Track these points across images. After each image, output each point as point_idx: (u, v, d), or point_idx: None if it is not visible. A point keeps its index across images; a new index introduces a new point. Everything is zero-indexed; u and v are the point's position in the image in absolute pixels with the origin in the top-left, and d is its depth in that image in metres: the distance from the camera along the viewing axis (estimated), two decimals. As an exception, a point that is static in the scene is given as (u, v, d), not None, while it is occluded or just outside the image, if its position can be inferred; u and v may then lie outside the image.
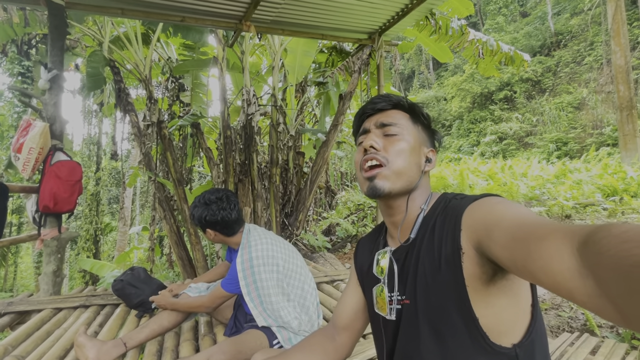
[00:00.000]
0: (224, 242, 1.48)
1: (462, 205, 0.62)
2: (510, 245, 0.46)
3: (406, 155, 0.69)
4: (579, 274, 0.35)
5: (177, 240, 4.05)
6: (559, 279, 0.37)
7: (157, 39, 4.02)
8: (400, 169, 0.68)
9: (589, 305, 0.34)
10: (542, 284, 0.41)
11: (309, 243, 4.45)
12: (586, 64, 14.47)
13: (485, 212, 0.57)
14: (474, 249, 0.56)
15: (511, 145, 14.10)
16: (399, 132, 0.71)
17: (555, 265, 0.38)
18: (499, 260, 0.50)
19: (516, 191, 5.13)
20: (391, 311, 0.69)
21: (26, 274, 13.64)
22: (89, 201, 9.31)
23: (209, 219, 1.40)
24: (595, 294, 0.33)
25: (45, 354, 1.44)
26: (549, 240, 0.40)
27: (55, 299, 2.05)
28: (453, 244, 0.59)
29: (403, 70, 25.72)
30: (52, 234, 2.21)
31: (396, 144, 0.69)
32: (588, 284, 0.34)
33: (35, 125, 2.10)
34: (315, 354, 0.80)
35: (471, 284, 0.57)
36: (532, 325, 0.60)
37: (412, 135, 0.72)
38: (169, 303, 1.46)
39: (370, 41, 3.44)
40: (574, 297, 0.36)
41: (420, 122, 0.75)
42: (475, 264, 0.56)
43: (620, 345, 1.41)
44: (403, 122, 0.72)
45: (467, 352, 0.59)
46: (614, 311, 0.31)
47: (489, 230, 0.52)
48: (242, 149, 4.25)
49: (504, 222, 0.50)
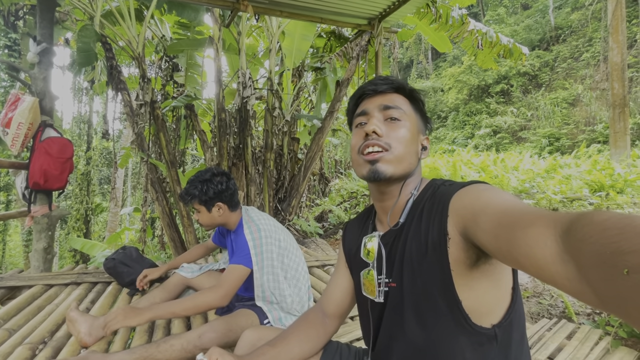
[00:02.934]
0: (225, 220, 1.41)
1: (450, 191, 0.63)
2: (495, 232, 0.48)
3: (407, 142, 0.69)
4: (561, 259, 0.36)
5: (169, 222, 4.05)
6: (542, 264, 0.39)
7: (151, 15, 3.90)
8: (401, 154, 0.68)
9: (570, 289, 0.36)
10: (526, 269, 0.42)
11: (301, 229, 4.49)
12: (583, 60, 14.51)
13: (472, 198, 0.58)
14: (460, 234, 0.58)
15: (505, 139, 14.22)
16: (401, 116, 0.70)
17: (539, 251, 0.39)
18: (484, 246, 0.51)
19: (507, 184, 5.21)
20: (379, 294, 0.71)
21: (15, 251, 13.51)
22: (79, 180, 9.18)
23: (217, 189, 1.35)
24: (576, 278, 0.34)
25: (37, 328, 1.45)
26: (533, 227, 0.41)
27: (46, 276, 2.05)
28: (440, 230, 0.61)
29: (402, 59, 25.46)
30: (42, 211, 2.19)
31: (398, 130, 0.69)
32: (569, 269, 0.35)
33: (24, 100, 2.05)
34: (309, 334, 0.83)
35: (456, 269, 0.59)
36: (512, 307, 0.63)
37: (412, 121, 0.72)
38: (168, 312, 1.23)
39: (370, 27, 3.39)
40: (556, 282, 0.37)
41: (419, 108, 0.75)
42: (461, 249, 0.58)
43: (595, 331, 1.49)
44: (404, 107, 0.72)
45: (449, 332, 0.62)
46: (593, 295, 0.33)
47: (475, 216, 0.54)
48: (237, 133, 4.21)
49: (490, 209, 0.52)
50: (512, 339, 0.63)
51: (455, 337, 0.61)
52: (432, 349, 0.64)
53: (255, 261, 1.31)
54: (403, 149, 0.68)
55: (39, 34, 2.24)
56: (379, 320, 0.74)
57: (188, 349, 1.11)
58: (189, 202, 1.38)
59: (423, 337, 0.64)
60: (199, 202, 1.36)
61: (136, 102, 3.87)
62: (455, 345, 0.62)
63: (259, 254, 1.31)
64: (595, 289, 0.32)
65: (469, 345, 0.61)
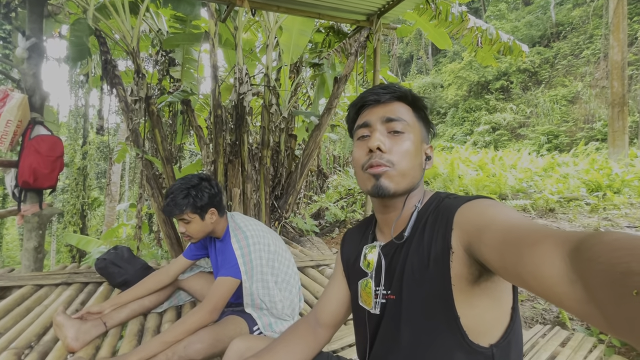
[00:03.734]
0: (214, 227, 1.34)
1: (454, 205, 0.62)
2: (500, 249, 0.47)
3: (411, 156, 0.67)
4: (569, 279, 0.35)
5: (164, 219, 4.02)
6: (549, 284, 0.38)
7: (147, 8, 3.82)
8: (405, 170, 0.66)
9: (578, 311, 0.35)
10: (532, 288, 0.41)
11: (297, 226, 4.47)
12: (584, 58, 14.44)
13: (477, 213, 0.57)
14: (463, 249, 0.56)
15: (504, 136, 14.20)
16: (404, 128, 0.68)
17: (546, 270, 0.38)
18: (488, 263, 0.50)
19: (504, 183, 5.20)
20: (376, 305, 0.70)
21: (12, 245, 13.49)
22: (75, 175, 9.12)
23: (211, 194, 1.28)
24: (584, 300, 0.33)
25: (24, 330, 1.43)
26: (540, 246, 0.40)
27: (36, 275, 2.02)
28: (443, 243, 0.59)
29: (401, 55, 25.30)
30: (32, 210, 2.15)
31: (402, 144, 0.67)
32: (577, 290, 0.34)
33: (13, 97, 2.01)
34: (298, 345, 0.81)
35: (457, 284, 0.58)
36: (511, 326, 0.61)
37: (415, 132, 0.69)
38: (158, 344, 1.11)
39: (369, 23, 3.34)
40: (563, 303, 0.37)
41: (422, 116, 0.72)
42: (463, 265, 0.57)
43: (589, 339, 1.48)
44: (407, 118, 0.69)
45: (446, 349, 0.60)
46: (601, 317, 0.32)
47: (480, 232, 0.53)
48: (233, 129, 4.16)
49: (494, 225, 0.51)
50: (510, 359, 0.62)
51: (451, 354, 0.60)
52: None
53: (244, 270, 1.27)
54: (407, 164, 0.66)
55: (28, 29, 2.18)
56: (375, 332, 0.72)
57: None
58: (182, 211, 1.25)
59: (418, 352, 0.63)
60: (192, 210, 1.25)
61: (131, 97, 3.82)
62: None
63: (247, 263, 1.28)
64: (603, 311, 0.31)
65: None
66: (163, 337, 1.13)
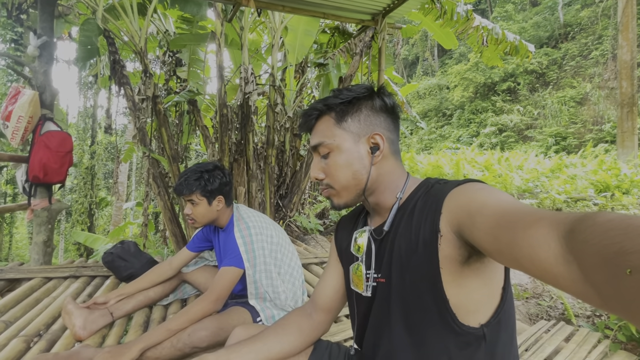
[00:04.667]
0: (219, 216, 1.36)
1: (444, 190, 0.62)
2: (494, 232, 0.47)
3: (344, 168, 0.69)
4: (565, 260, 0.36)
5: (170, 217, 4.06)
6: (545, 266, 0.38)
7: (154, 9, 3.89)
8: (344, 184, 0.70)
9: (573, 290, 0.36)
10: (528, 270, 0.42)
11: (302, 225, 4.49)
12: (592, 58, 14.26)
13: (467, 197, 0.57)
14: (453, 232, 0.57)
15: (510, 138, 14.06)
16: (329, 147, 0.70)
17: (542, 252, 0.38)
18: (481, 247, 0.50)
19: (510, 183, 5.16)
20: (367, 288, 0.71)
21: (21, 244, 13.71)
22: (83, 174, 9.26)
23: (222, 181, 1.32)
24: (579, 279, 0.34)
25: (33, 320, 1.46)
26: (535, 228, 0.41)
27: (45, 269, 2.06)
28: (432, 227, 0.60)
29: (407, 56, 25.26)
30: (42, 205, 2.20)
31: (332, 164, 0.70)
32: (573, 270, 0.35)
33: (24, 94, 2.06)
34: (290, 334, 0.81)
35: (445, 266, 0.59)
36: (501, 306, 0.62)
37: (342, 139, 0.69)
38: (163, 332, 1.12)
39: (373, 23, 3.35)
40: (559, 283, 0.37)
41: (348, 112, 0.70)
42: (452, 247, 0.57)
43: (594, 334, 1.46)
44: (328, 132, 0.70)
45: (435, 330, 0.61)
46: (597, 296, 0.33)
47: (471, 216, 0.53)
48: (239, 129, 4.20)
49: (487, 209, 0.51)
50: (499, 339, 0.63)
51: (442, 336, 0.61)
52: (418, 346, 0.64)
53: (247, 258, 1.29)
54: (343, 178, 0.70)
55: (40, 28, 2.24)
56: (367, 315, 0.73)
57: (178, 347, 1.11)
58: (192, 191, 1.29)
59: (409, 334, 0.64)
60: (202, 192, 1.30)
61: (138, 97, 3.88)
62: (441, 344, 0.61)
63: (250, 252, 1.29)
64: (598, 290, 0.32)
65: (455, 345, 0.61)
66: (168, 325, 1.15)
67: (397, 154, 0.73)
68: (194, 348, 1.13)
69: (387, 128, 0.71)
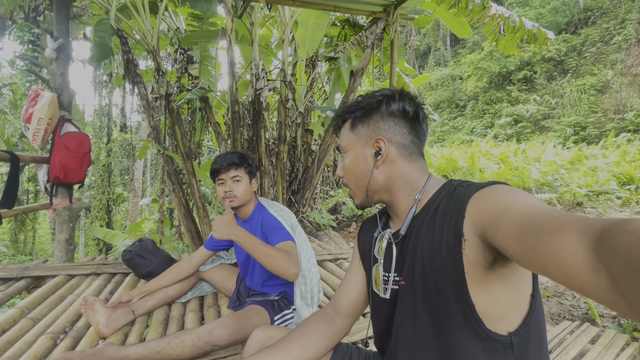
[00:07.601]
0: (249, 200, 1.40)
1: (468, 192, 0.60)
2: (519, 237, 0.45)
3: (352, 170, 0.75)
4: (594, 268, 0.35)
5: (185, 213, 4.13)
6: (573, 274, 0.37)
7: (165, 7, 3.90)
8: (353, 183, 0.76)
9: (602, 299, 0.35)
10: (553, 276, 0.40)
11: (314, 221, 4.49)
12: (614, 44, 13.65)
13: (492, 200, 0.55)
14: (477, 236, 0.55)
15: (526, 129, 13.68)
16: (343, 148, 0.77)
17: (570, 259, 0.37)
18: (505, 251, 0.49)
19: (528, 176, 5.02)
20: (385, 290, 0.71)
21: (44, 239, 14.24)
22: (100, 172, 9.50)
23: (256, 165, 1.44)
24: (609, 288, 0.33)
25: (59, 317, 1.51)
26: (562, 234, 0.39)
27: (68, 266, 2.13)
28: (455, 230, 0.58)
29: (419, 47, 24.75)
30: (63, 204, 2.26)
31: (345, 165, 0.77)
32: (602, 279, 0.34)
33: (44, 96, 2.10)
34: (313, 344, 0.82)
35: (470, 270, 0.57)
36: (530, 314, 0.60)
37: (353, 143, 0.75)
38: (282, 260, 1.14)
39: (385, 14, 3.28)
40: (588, 291, 0.36)
41: (360, 118, 0.74)
42: (477, 251, 0.56)
43: (621, 336, 1.41)
44: (344, 136, 0.78)
45: (462, 336, 0.60)
46: (626, 305, 0.32)
47: (495, 219, 0.51)
48: (250, 125, 4.21)
49: (512, 212, 0.49)
50: (529, 349, 0.61)
51: (468, 342, 0.60)
52: (443, 352, 0.63)
53: (292, 231, 1.34)
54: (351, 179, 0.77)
55: (56, 30, 2.27)
56: (390, 319, 0.73)
57: (199, 345, 1.13)
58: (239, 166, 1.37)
59: (434, 339, 0.63)
60: (246, 169, 1.40)
61: (151, 95, 3.92)
62: (467, 350, 0.60)
63: (289, 227, 1.35)
64: (628, 300, 0.31)
65: (481, 351, 0.59)
66: (259, 247, 1.17)
67: (414, 156, 0.73)
68: (214, 346, 1.15)
69: (395, 132, 0.72)
